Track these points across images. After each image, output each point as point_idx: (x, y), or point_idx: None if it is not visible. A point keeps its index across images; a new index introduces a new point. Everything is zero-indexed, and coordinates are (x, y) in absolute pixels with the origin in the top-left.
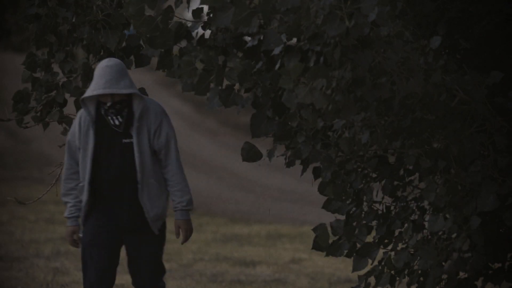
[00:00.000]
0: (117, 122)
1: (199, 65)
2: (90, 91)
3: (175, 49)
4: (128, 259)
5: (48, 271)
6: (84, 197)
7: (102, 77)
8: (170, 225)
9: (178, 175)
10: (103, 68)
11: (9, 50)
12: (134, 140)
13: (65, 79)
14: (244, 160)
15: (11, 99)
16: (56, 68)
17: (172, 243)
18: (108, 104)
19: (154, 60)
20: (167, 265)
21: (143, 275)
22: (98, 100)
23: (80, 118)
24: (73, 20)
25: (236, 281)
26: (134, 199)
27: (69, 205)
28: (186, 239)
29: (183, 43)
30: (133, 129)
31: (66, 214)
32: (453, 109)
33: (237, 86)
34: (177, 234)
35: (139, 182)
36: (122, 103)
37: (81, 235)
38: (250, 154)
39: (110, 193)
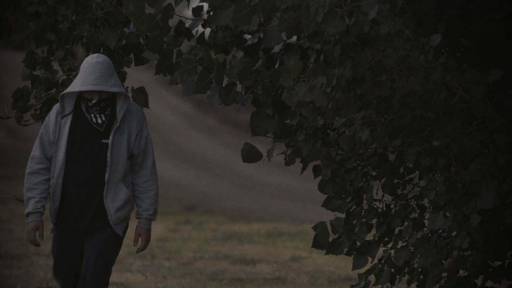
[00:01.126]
0: (99, 121)
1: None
2: (78, 86)
3: (174, 52)
4: (84, 254)
5: (48, 269)
6: (57, 195)
7: (92, 73)
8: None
9: (152, 182)
10: (93, 64)
11: (9, 48)
12: (110, 140)
13: (64, 77)
14: (244, 161)
15: (11, 97)
16: (55, 66)
17: (171, 242)
18: (94, 101)
19: (154, 62)
20: (167, 263)
21: (91, 270)
22: (80, 95)
23: (57, 112)
24: (73, 18)
25: (236, 279)
26: (100, 201)
27: (33, 200)
28: (143, 248)
29: (182, 46)
30: (113, 129)
31: (30, 209)
32: (453, 107)
33: (237, 85)
34: (136, 242)
35: (106, 182)
36: (107, 102)
37: (51, 232)
38: (250, 155)
39: (79, 194)
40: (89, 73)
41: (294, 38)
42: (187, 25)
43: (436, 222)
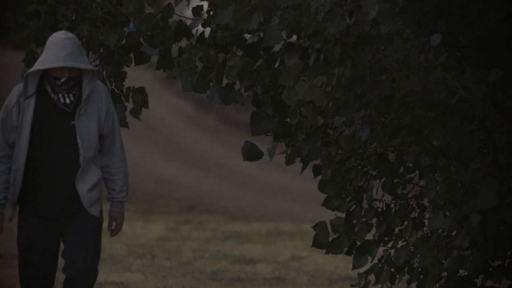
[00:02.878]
0: (67, 101)
1: (199, 63)
2: (48, 63)
3: (174, 48)
4: (65, 246)
5: None
6: (18, 182)
7: (63, 49)
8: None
9: (122, 163)
10: (62, 39)
11: (9, 47)
12: (78, 121)
13: None
14: (245, 159)
15: None
16: None
17: (171, 241)
18: (63, 79)
19: (154, 58)
20: (167, 263)
21: (80, 257)
22: (43, 75)
23: (19, 95)
24: (73, 18)
25: (236, 278)
26: (73, 184)
27: None
28: (117, 232)
29: (183, 43)
30: (80, 109)
31: None
32: (453, 107)
33: (237, 84)
34: (110, 226)
35: (81, 165)
36: (75, 80)
37: (9, 221)
38: (251, 154)
39: (48, 179)
40: (59, 49)
41: (294, 37)
42: (187, 24)
43: (436, 221)
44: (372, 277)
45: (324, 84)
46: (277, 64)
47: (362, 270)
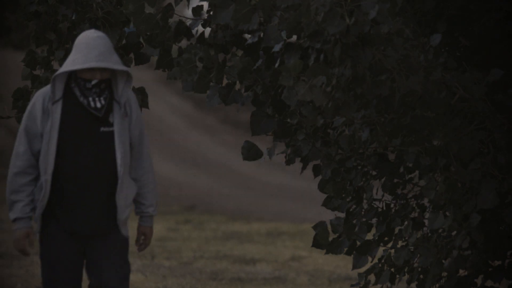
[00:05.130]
0: (98, 105)
1: (199, 64)
2: (79, 64)
3: (174, 49)
4: (91, 263)
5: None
6: (46, 194)
7: (95, 48)
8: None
9: (150, 174)
10: (93, 38)
11: (9, 47)
12: (117, 128)
13: None
14: (244, 159)
15: (11, 97)
16: (56, 65)
17: (171, 241)
18: (94, 81)
19: (154, 58)
20: (167, 263)
21: (112, 279)
22: (70, 76)
23: (44, 99)
24: (73, 18)
25: (236, 278)
26: (108, 198)
27: (20, 204)
28: (145, 247)
29: (183, 43)
30: (115, 115)
31: (17, 214)
32: (453, 107)
33: (237, 84)
34: (138, 241)
35: (119, 178)
36: (106, 82)
37: (37, 235)
38: (251, 153)
39: (79, 191)
40: (91, 48)
41: (294, 37)
42: (187, 24)
43: (436, 221)
44: (372, 277)
45: (324, 84)
46: (277, 64)
47: (362, 270)
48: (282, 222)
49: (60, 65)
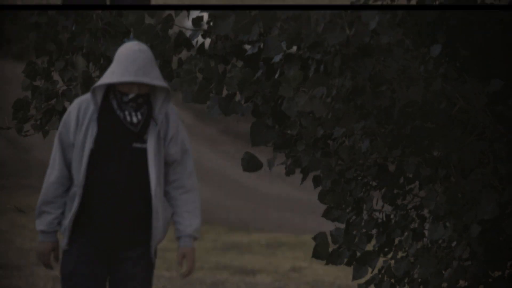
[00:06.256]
0: (135, 120)
1: (199, 75)
2: (117, 77)
3: (174, 61)
4: (114, 281)
5: (48, 280)
6: (75, 204)
7: (134, 62)
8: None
9: (191, 194)
10: (134, 51)
11: (9, 58)
12: (152, 145)
13: (64, 88)
14: (244, 170)
15: (11, 107)
16: (56, 76)
17: (171, 252)
18: (131, 96)
19: None
20: (167, 274)
21: None
22: (109, 87)
23: (79, 109)
24: (73, 29)
25: None
26: (140, 217)
27: (49, 216)
28: (189, 272)
29: (183, 54)
30: (150, 132)
31: (43, 227)
32: (453, 117)
33: (237, 95)
34: (180, 264)
35: (153, 197)
36: (144, 97)
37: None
38: (251, 164)
39: (109, 208)
40: (130, 62)
41: (294, 48)
42: (187, 34)
43: (436, 232)
44: None
45: (324, 95)
46: (277, 75)
47: (362, 280)
48: (282, 233)
49: (60, 76)
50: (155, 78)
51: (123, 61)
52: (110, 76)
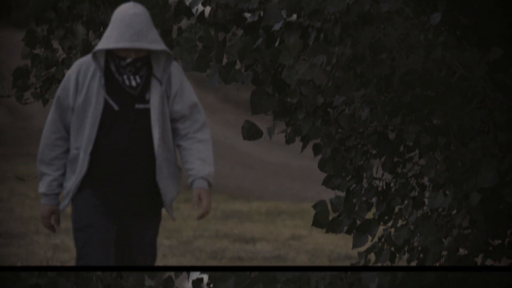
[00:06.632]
0: (133, 83)
1: (199, 43)
2: (112, 42)
3: (174, 30)
4: (120, 240)
5: (48, 248)
6: (80, 170)
7: (130, 26)
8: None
9: (205, 143)
10: (129, 15)
11: (8, 26)
12: (154, 105)
13: (64, 56)
14: (244, 138)
15: (11, 76)
16: (55, 44)
17: (171, 220)
18: (128, 60)
19: None
20: (167, 242)
21: (138, 262)
22: (108, 52)
23: (79, 72)
24: None
25: (236, 257)
26: (147, 178)
27: (48, 178)
28: (205, 212)
29: (183, 23)
30: (152, 92)
31: (44, 189)
32: (453, 86)
33: (237, 63)
34: (196, 205)
35: (157, 158)
36: (143, 60)
37: (61, 208)
38: (251, 132)
39: (116, 170)
40: (126, 26)
41: (294, 16)
42: (187, 3)
43: (436, 200)
44: (372, 256)
45: (324, 63)
46: (277, 43)
47: (362, 249)
48: (282, 201)
49: (60, 44)
50: (153, 42)
51: (119, 26)
52: (107, 40)
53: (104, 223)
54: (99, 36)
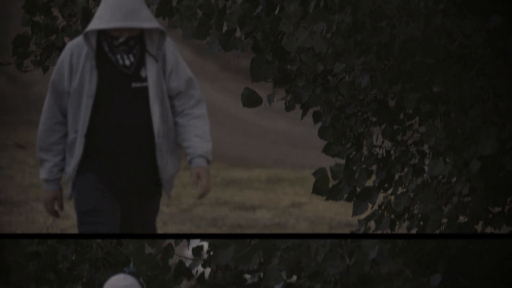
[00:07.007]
0: (127, 62)
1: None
2: (105, 22)
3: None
4: (124, 217)
5: (48, 215)
6: (77, 153)
7: (121, 5)
8: None
9: (201, 119)
10: None
11: None
12: (152, 83)
13: (64, 23)
14: (244, 105)
15: (11, 43)
16: (55, 12)
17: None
18: (121, 39)
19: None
20: (167, 210)
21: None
22: (100, 32)
23: (72, 55)
24: (73, 258)
25: (236, 225)
26: (147, 156)
27: (48, 164)
28: (205, 191)
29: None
30: (148, 69)
31: (45, 175)
32: (453, 53)
33: (237, 31)
34: (195, 184)
35: (157, 136)
36: (136, 38)
37: (69, 198)
38: (250, 100)
39: (115, 150)
40: (117, 5)
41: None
42: (187, 264)
43: (436, 168)
44: (372, 224)
45: (324, 31)
46: (277, 11)
47: (362, 216)
48: (282, 169)
49: (60, 11)
50: (145, 20)
51: (110, 5)
52: (99, 21)
53: (109, 207)
54: (99, 3)
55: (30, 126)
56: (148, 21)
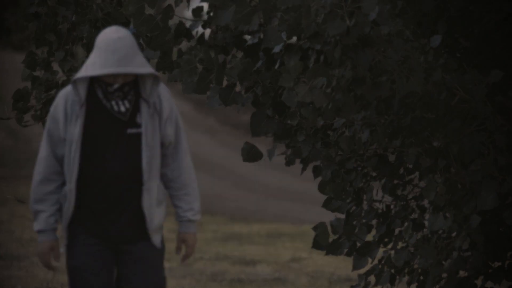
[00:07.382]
0: (122, 109)
1: (199, 65)
2: (98, 69)
3: (174, 52)
4: (122, 276)
5: (48, 270)
6: (70, 202)
7: (114, 51)
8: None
9: (188, 175)
10: (114, 40)
11: (9, 48)
12: (145, 129)
13: (64, 78)
14: (244, 160)
15: (11, 98)
16: (56, 66)
17: (171, 242)
18: (116, 86)
19: (154, 61)
20: (167, 264)
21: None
22: (93, 79)
23: (66, 102)
24: (73, 19)
25: (236, 280)
26: (135, 205)
27: (44, 214)
28: (188, 256)
29: (183, 45)
30: (143, 115)
31: (40, 226)
32: (453, 108)
33: (237, 85)
34: (178, 249)
35: (144, 183)
36: (130, 84)
37: (61, 250)
38: (251, 154)
39: (106, 197)
40: (111, 52)
41: (294, 38)
42: (187, 25)
43: (436, 222)
44: (372, 278)
45: (324, 86)
46: (277, 66)
47: (362, 271)
48: (282, 223)
49: (60, 66)
50: (139, 66)
51: (103, 52)
52: (92, 67)
53: (98, 266)
54: None
55: (30, 181)
56: (143, 66)
